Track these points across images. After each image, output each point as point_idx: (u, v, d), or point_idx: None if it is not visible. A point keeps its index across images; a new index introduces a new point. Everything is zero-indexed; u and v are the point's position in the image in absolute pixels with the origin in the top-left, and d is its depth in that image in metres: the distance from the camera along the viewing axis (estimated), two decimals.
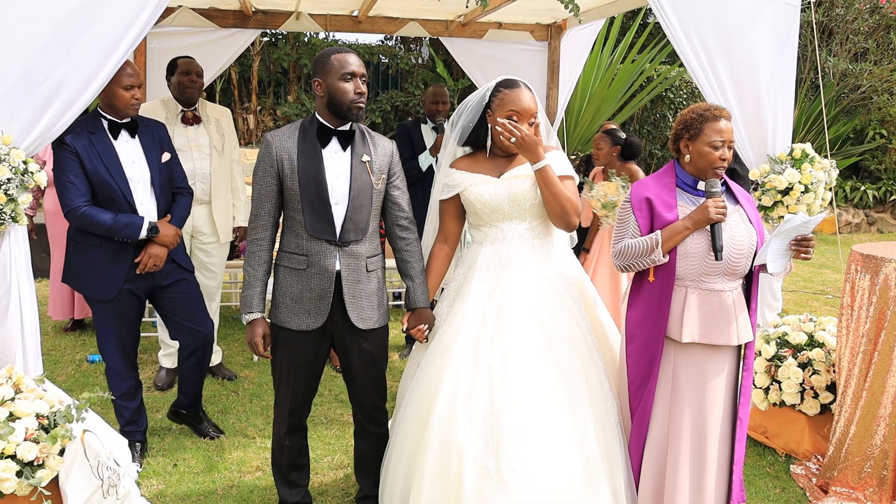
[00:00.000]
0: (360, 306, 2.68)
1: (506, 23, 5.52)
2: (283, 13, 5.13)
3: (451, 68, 10.06)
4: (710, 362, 2.63)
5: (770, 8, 3.41)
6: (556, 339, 2.69)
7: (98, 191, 3.09)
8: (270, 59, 10.00)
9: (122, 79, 3.07)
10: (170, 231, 3.23)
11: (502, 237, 2.82)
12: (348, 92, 2.55)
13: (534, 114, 2.75)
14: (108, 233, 3.08)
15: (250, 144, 9.66)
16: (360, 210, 2.64)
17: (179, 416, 3.66)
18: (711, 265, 2.57)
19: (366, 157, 2.65)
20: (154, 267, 3.19)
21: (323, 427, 3.79)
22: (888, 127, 11.25)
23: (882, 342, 3.02)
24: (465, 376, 2.61)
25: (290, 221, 2.64)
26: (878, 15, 10.60)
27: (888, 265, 3.02)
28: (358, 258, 2.66)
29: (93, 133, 3.10)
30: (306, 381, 2.75)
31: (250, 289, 2.63)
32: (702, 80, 3.44)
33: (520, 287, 2.74)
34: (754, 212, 2.70)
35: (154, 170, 3.23)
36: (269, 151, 2.59)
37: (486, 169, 2.83)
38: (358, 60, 2.59)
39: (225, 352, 4.94)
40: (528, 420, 2.55)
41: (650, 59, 9.66)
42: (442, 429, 2.55)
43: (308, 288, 2.62)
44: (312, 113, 2.67)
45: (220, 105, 4.57)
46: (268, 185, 2.60)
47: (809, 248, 2.56)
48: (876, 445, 3.04)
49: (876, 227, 11.56)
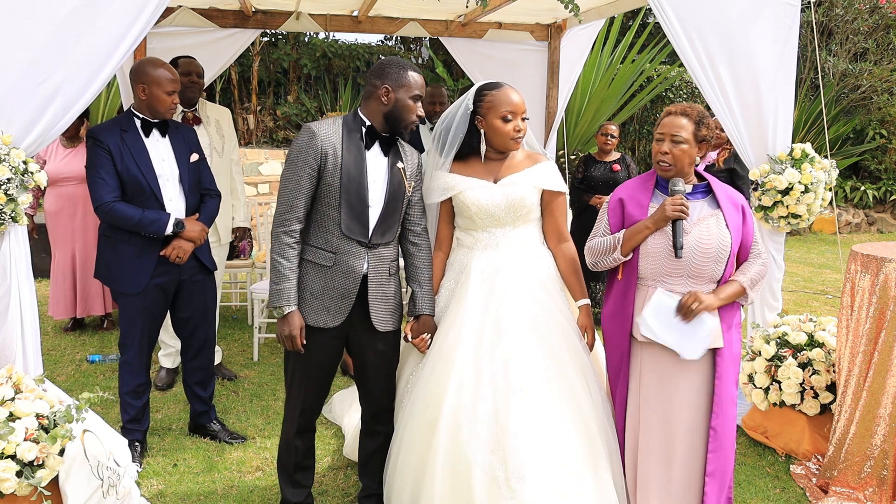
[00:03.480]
0: (381, 309, 2.70)
1: (506, 23, 5.52)
2: (283, 13, 5.13)
3: (451, 68, 10.07)
4: (675, 366, 2.61)
5: (770, 8, 3.40)
6: (554, 344, 2.70)
7: (128, 187, 3.18)
8: (270, 60, 10.00)
9: (166, 84, 3.21)
10: (196, 227, 3.31)
11: (495, 243, 2.83)
12: (413, 112, 2.63)
13: (525, 110, 2.81)
14: (136, 228, 3.16)
15: (250, 144, 9.66)
16: (393, 215, 2.68)
17: (203, 429, 3.67)
18: (673, 265, 2.58)
19: (401, 164, 2.70)
20: (178, 259, 3.26)
21: (323, 427, 3.79)
22: (888, 127, 11.25)
23: (882, 342, 3.02)
24: (467, 386, 2.61)
25: (321, 217, 2.62)
26: (878, 15, 10.59)
27: (888, 265, 3.02)
28: (383, 261, 2.69)
29: (125, 131, 3.21)
30: (319, 381, 2.75)
31: (286, 281, 2.56)
32: (702, 81, 3.44)
33: (516, 294, 2.74)
34: (738, 218, 2.63)
35: (183, 168, 3.32)
36: (313, 142, 2.55)
37: (479, 172, 2.84)
38: (424, 83, 2.70)
39: (225, 352, 4.94)
40: (533, 428, 2.55)
41: (650, 59, 9.66)
42: (448, 440, 2.55)
43: (331, 286, 2.62)
44: (355, 112, 2.68)
45: (220, 105, 4.57)
46: (307, 175, 2.55)
47: (690, 310, 2.52)
48: (876, 445, 3.04)
49: (876, 226, 11.56)
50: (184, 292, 3.40)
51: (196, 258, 3.38)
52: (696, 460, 2.61)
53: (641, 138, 10.77)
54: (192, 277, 3.40)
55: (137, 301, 3.25)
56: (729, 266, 2.60)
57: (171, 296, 3.38)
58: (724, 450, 2.61)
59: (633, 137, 10.75)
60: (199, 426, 3.67)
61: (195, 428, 3.69)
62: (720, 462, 2.60)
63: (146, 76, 3.19)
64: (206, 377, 3.61)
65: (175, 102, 3.26)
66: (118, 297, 3.33)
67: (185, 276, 3.37)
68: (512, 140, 2.78)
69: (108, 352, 4.96)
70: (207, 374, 3.61)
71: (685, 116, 2.60)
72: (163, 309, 3.37)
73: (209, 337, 3.56)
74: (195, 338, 3.51)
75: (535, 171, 2.85)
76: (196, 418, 3.67)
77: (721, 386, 2.60)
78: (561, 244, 2.90)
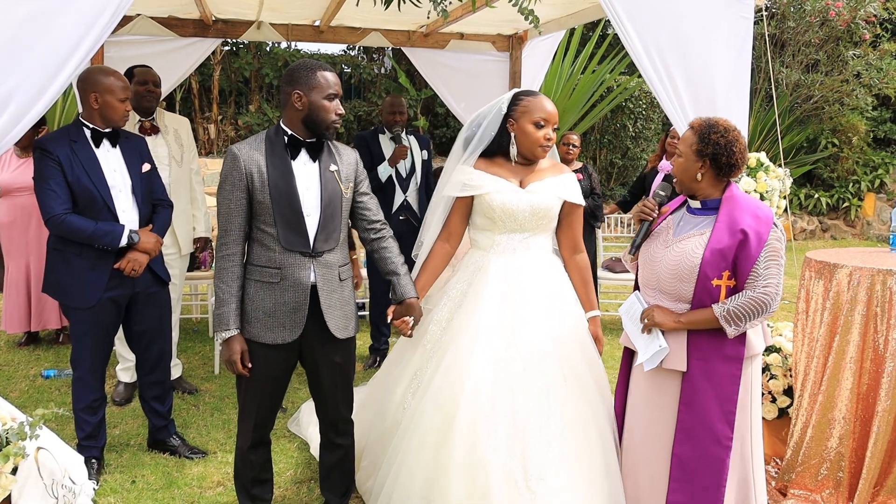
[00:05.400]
0: (336, 316, 2.67)
1: (468, 34, 5.55)
2: (245, 22, 5.08)
3: (414, 78, 10.08)
4: (655, 383, 2.58)
5: (725, 21, 3.47)
6: (570, 350, 2.75)
7: (80, 199, 3.10)
8: (231, 69, 9.91)
9: (119, 91, 3.15)
10: (150, 238, 3.25)
11: (512, 248, 2.85)
12: (331, 112, 2.58)
13: (557, 121, 2.86)
14: (89, 240, 3.09)
15: (211, 154, 9.54)
16: (332, 220, 2.64)
17: (163, 445, 3.60)
18: (649, 277, 2.60)
19: (333, 167, 2.65)
20: (133, 272, 3.19)
21: (286, 440, 3.75)
22: (840, 136, 11.57)
23: (836, 347, 3.09)
24: (485, 388, 2.62)
25: (260, 234, 2.60)
26: (828, 27, 10.90)
27: (840, 271, 3.10)
28: (331, 268, 2.65)
29: (75, 141, 3.13)
30: (273, 394, 2.72)
31: (225, 305, 2.57)
32: (659, 91, 3.49)
33: (533, 300, 2.77)
34: (731, 242, 2.42)
35: (135, 179, 3.26)
36: (236, 165, 2.55)
37: (505, 174, 2.86)
38: (339, 80, 2.62)
39: (185, 365, 4.85)
40: (552, 429, 2.58)
41: (610, 69, 9.79)
42: (465, 441, 2.55)
43: (282, 301, 2.59)
44: (277, 124, 2.65)
45: (179, 115, 4.51)
46: (237, 199, 2.56)
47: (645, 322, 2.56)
48: (832, 448, 3.11)
49: (829, 233, 11.86)
50: (138, 305, 3.34)
51: (150, 270, 3.32)
52: (658, 486, 2.55)
53: (602, 148, 10.90)
54: (146, 290, 3.34)
55: (90, 315, 3.17)
56: (712, 290, 2.44)
57: (123, 309, 3.31)
58: (692, 482, 2.48)
59: (594, 147, 10.87)
60: (158, 441, 3.60)
61: (154, 443, 3.61)
62: (686, 495, 2.48)
63: (98, 84, 3.13)
64: (164, 391, 3.54)
65: (128, 110, 3.21)
66: (69, 312, 3.24)
67: (140, 288, 3.31)
68: (540, 147, 2.83)
69: (64, 366, 4.84)
70: (164, 388, 3.54)
71: (691, 129, 2.56)
72: (116, 323, 3.30)
73: (165, 350, 3.50)
74: (151, 352, 3.44)
75: (560, 181, 2.90)
76: (155, 433, 3.59)
77: (687, 413, 2.48)
78: (576, 255, 2.97)
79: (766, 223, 2.45)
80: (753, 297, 2.41)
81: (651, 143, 11.01)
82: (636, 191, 6.02)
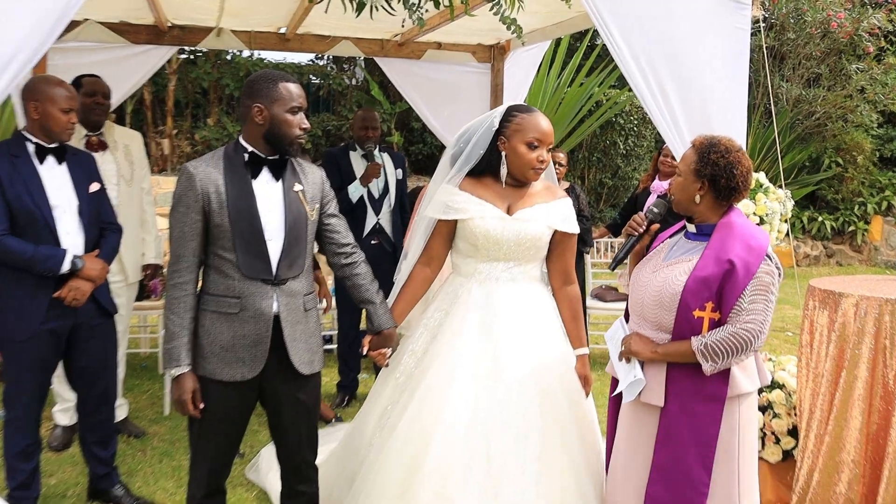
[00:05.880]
0: (301, 349, 2.64)
1: (445, 43, 5.59)
2: (203, 29, 5.08)
3: (388, 90, 10.13)
4: (636, 417, 2.59)
5: (721, 31, 3.53)
6: (552, 390, 2.75)
7: (19, 219, 3.05)
8: (188, 79, 9.89)
9: (61, 101, 3.11)
10: (96, 265, 3.20)
11: (495, 277, 2.86)
12: (294, 126, 2.56)
13: (552, 142, 2.85)
14: (27, 265, 3.04)
15: (164, 171, 9.48)
16: (297, 244, 2.61)
17: (105, 495, 3.51)
18: (633, 303, 2.63)
19: (298, 187, 2.63)
20: (75, 301, 3.14)
21: (243, 489, 3.68)
22: (843, 155, 11.72)
23: (843, 382, 3.10)
24: (460, 426, 2.61)
25: (217, 261, 2.56)
26: (830, 39, 11.12)
27: (847, 300, 3.12)
28: (296, 297, 2.62)
29: (16, 157, 3.09)
30: (230, 437, 2.68)
31: (176, 339, 2.52)
32: (651, 106, 3.53)
33: (514, 334, 2.77)
34: (716, 271, 2.42)
35: (83, 199, 3.22)
36: (192, 184, 2.51)
37: (493, 196, 2.86)
38: (303, 92, 2.60)
39: (132, 405, 4.77)
40: (527, 474, 2.59)
41: (599, 82, 9.91)
42: (436, 480, 2.55)
43: (241, 334, 2.55)
44: (236, 139, 2.64)
45: (129, 129, 4.49)
46: (191, 221, 2.52)
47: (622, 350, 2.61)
48: (840, 493, 3.10)
49: (835, 259, 12.00)
50: (80, 338, 3.28)
51: (94, 300, 3.26)
52: None
53: (591, 166, 10.98)
54: (89, 321, 3.28)
55: (26, 349, 3.11)
56: (693, 322, 2.44)
57: (64, 342, 3.25)
58: None
59: (582, 166, 10.95)
60: (99, 491, 3.52)
61: (95, 493, 3.53)
62: None
63: (38, 93, 3.10)
64: (107, 435, 3.47)
65: (72, 122, 3.17)
66: (2, 345, 3.17)
67: (82, 319, 3.25)
68: (533, 170, 2.82)
69: None
70: (108, 431, 3.47)
71: (692, 147, 2.57)
72: (55, 357, 3.24)
73: (110, 388, 3.43)
74: (94, 390, 3.37)
75: (552, 208, 2.90)
76: (96, 482, 3.51)
77: (662, 452, 2.48)
78: (566, 286, 2.97)
79: (758, 254, 2.44)
80: (734, 333, 2.39)
81: (643, 161, 11.11)
82: (627, 213, 6.06)
